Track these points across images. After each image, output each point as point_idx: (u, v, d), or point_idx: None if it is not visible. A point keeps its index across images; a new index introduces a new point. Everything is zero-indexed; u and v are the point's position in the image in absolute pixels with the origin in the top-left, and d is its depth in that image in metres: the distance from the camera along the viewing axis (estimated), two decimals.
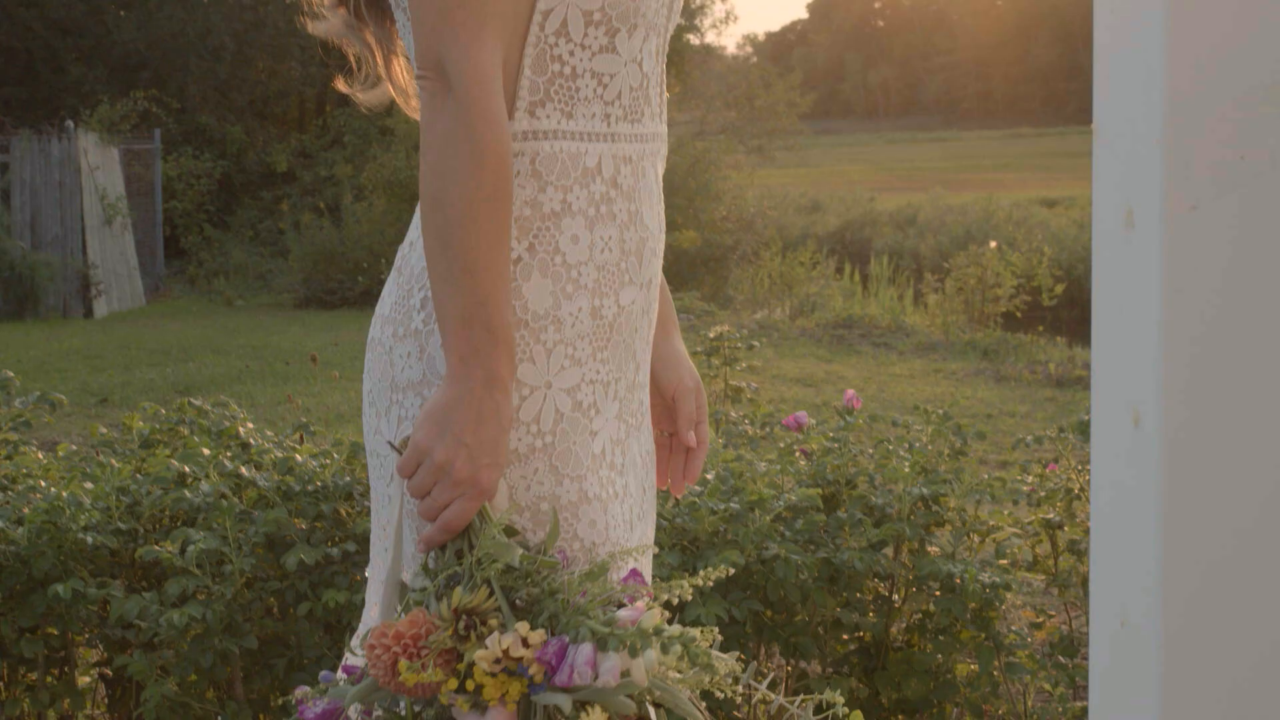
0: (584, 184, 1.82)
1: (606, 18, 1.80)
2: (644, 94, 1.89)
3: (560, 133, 1.81)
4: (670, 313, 2.15)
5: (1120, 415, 1.04)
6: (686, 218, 21.33)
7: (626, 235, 1.87)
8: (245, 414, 4.28)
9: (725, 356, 5.71)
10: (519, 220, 1.79)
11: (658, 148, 1.95)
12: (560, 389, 1.82)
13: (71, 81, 25.16)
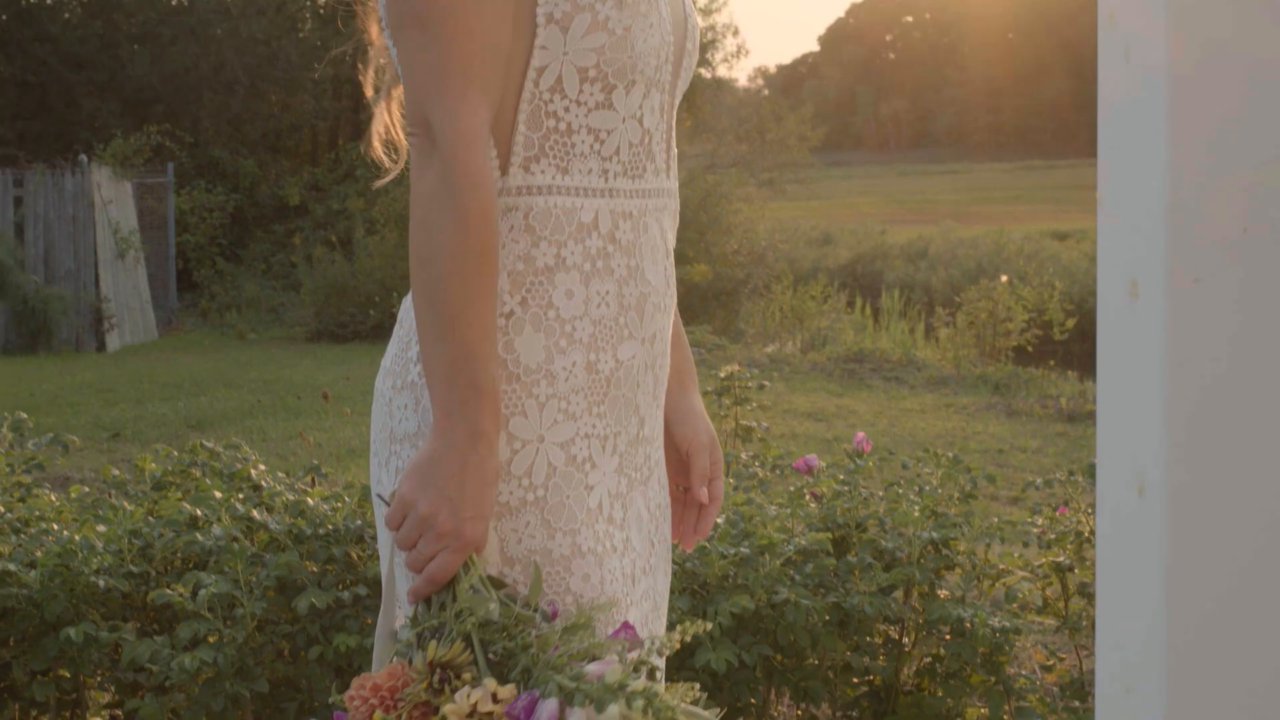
0: (579, 239, 1.83)
1: (602, 74, 1.81)
2: (646, 150, 1.90)
3: (555, 188, 1.83)
4: (689, 368, 2.16)
5: (1125, 484, 1.05)
6: (698, 251, 21.35)
7: (625, 290, 1.88)
8: (256, 454, 4.29)
9: (736, 396, 5.71)
10: (512, 275, 1.81)
11: (664, 203, 1.96)
12: (553, 443, 1.83)
13: (85, 115, 25.28)
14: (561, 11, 1.78)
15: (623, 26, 1.80)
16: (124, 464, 9.22)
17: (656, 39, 1.85)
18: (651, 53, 1.85)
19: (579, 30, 1.79)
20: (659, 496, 2.02)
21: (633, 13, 1.81)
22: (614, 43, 1.80)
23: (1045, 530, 3.85)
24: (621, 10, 1.80)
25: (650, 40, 1.84)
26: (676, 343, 2.15)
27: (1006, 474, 9.22)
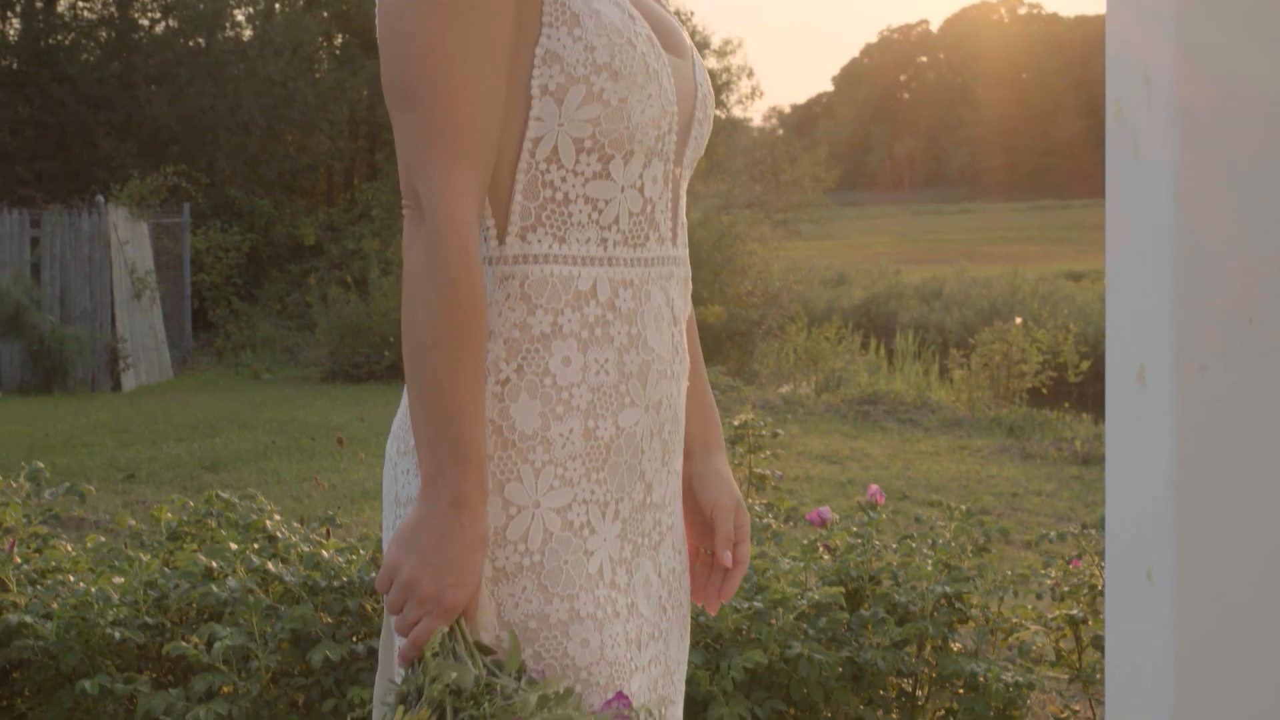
0: (576, 307, 1.85)
1: (598, 145, 1.83)
2: (648, 219, 1.92)
3: (552, 256, 1.84)
4: (714, 432, 2.18)
5: (1135, 570, 1.06)
6: (712, 292, 21.38)
7: (626, 358, 1.89)
8: (272, 505, 4.30)
9: (750, 444, 5.72)
10: (508, 342, 1.82)
11: (670, 271, 1.97)
12: (549, 508, 1.84)
13: (103, 155, 25.40)
14: (556, 84, 1.81)
15: (618, 98, 1.82)
16: (138, 505, 9.23)
17: (655, 110, 1.86)
18: (650, 124, 1.86)
19: (574, 102, 1.81)
20: (672, 561, 2.03)
21: (629, 84, 1.82)
22: (609, 114, 1.82)
23: (1059, 582, 3.85)
24: (617, 82, 1.81)
25: (648, 111, 1.85)
26: (701, 408, 2.17)
27: (1021, 518, 9.21)
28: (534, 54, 1.81)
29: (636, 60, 1.83)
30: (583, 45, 1.81)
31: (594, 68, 1.81)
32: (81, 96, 25.83)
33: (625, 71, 1.82)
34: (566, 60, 1.81)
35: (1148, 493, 1.04)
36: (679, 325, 1.99)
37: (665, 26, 2.01)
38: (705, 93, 2.03)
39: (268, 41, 26.80)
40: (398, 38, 1.78)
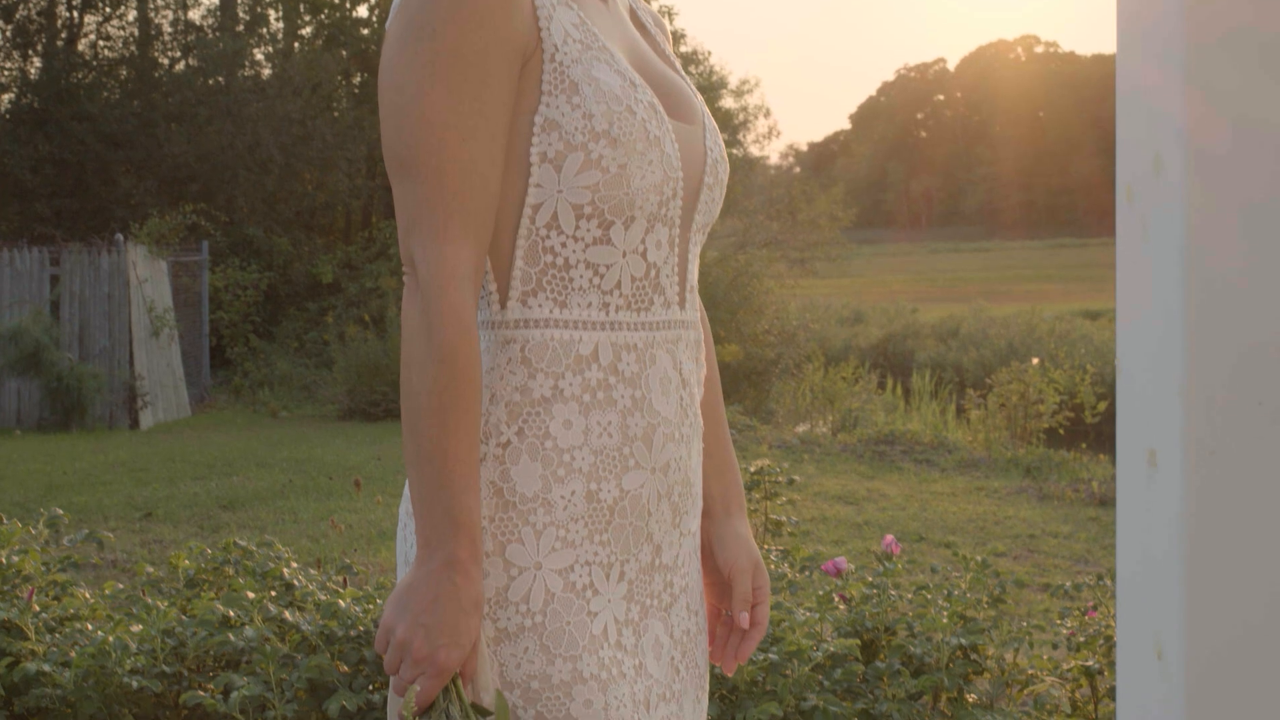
0: (577, 371, 1.87)
1: (598, 210, 1.85)
2: (652, 283, 1.93)
3: (552, 321, 1.87)
4: (736, 493, 2.19)
5: (1145, 652, 1.07)
6: (729, 331, 21.39)
7: (630, 421, 1.90)
8: (288, 548, 4.31)
9: (766, 490, 5.72)
10: (509, 405, 1.85)
11: (677, 335, 1.99)
12: (551, 569, 1.85)
13: (122, 193, 25.51)
14: (555, 151, 1.83)
15: (617, 164, 1.84)
16: (155, 544, 9.25)
17: (657, 176, 1.88)
18: (652, 189, 1.88)
19: (572, 168, 1.83)
20: (686, 622, 2.04)
21: (628, 151, 1.84)
22: (608, 180, 1.84)
23: (1074, 632, 3.85)
24: (615, 149, 1.83)
25: (649, 177, 1.87)
26: (721, 469, 2.19)
27: (1037, 560, 9.20)
28: (533, 122, 1.84)
29: (636, 127, 1.85)
30: (581, 113, 1.83)
31: (592, 135, 1.83)
32: (101, 135, 25.97)
33: (624, 138, 1.84)
34: (565, 128, 1.83)
35: (1158, 575, 1.05)
36: (688, 389, 2.01)
37: (676, 93, 2.03)
38: (717, 158, 2.04)
39: (287, 80, 26.91)
40: (395, 109, 1.82)
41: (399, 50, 1.82)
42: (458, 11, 1.78)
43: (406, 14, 1.82)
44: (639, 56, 2.02)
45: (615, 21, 2.03)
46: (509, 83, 1.82)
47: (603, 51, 1.90)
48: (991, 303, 36.79)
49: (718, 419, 2.20)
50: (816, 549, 9.13)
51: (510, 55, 1.82)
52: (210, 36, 28.42)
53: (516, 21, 1.82)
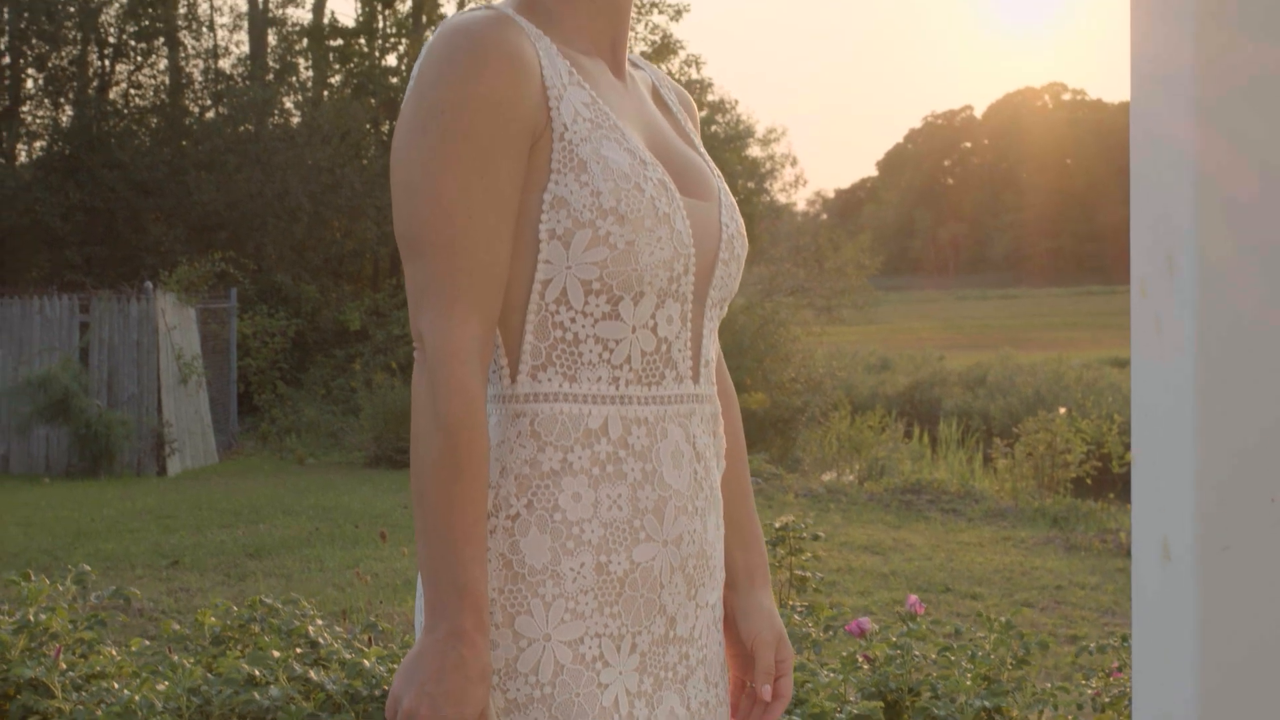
0: (586, 444, 1.88)
1: (606, 286, 1.87)
2: (664, 357, 1.95)
3: (562, 395, 1.89)
4: (759, 565, 2.20)
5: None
6: (756, 379, 21.41)
7: (640, 494, 1.91)
8: (314, 600, 4.33)
9: (791, 546, 5.72)
10: (519, 478, 1.87)
11: (691, 409, 2.00)
12: (560, 641, 1.86)
13: (152, 241, 25.65)
14: (563, 228, 1.85)
15: (625, 241, 1.86)
16: (182, 593, 9.27)
17: (667, 252, 1.90)
18: (661, 266, 1.90)
19: (580, 245, 1.85)
20: (704, 694, 2.04)
21: (636, 228, 1.86)
22: (616, 257, 1.86)
23: (1100, 693, 3.83)
24: (624, 225, 1.86)
25: (659, 254, 1.89)
26: (746, 541, 2.20)
27: (1064, 611, 9.16)
28: (543, 199, 1.87)
29: (644, 204, 1.88)
30: (589, 190, 1.86)
31: (600, 212, 1.85)
32: (132, 182, 26.13)
33: (632, 215, 1.86)
34: (573, 205, 1.85)
35: (1173, 665, 1.06)
36: (703, 462, 2.01)
37: (692, 171, 2.06)
38: (733, 234, 2.06)
39: (316, 128, 27.07)
40: (407, 187, 1.84)
41: (411, 130, 1.85)
42: (469, 93, 1.81)
43: (419, 94, 1.85)
44: (655, 134, 2.05)
45: (632, 99, 2.06)
46: (519, 162, 1.85)
47: (613, 130, 1.92)
48: (1019, 350, 36.73)
49: (743, 492, 2.21)
50: (842, 600, 9.11)
51: (520, 135, 1.85)
52: (240, 85, 28.62)
53: (527, 102, 1.85)
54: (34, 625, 3.70)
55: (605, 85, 2.00)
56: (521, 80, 1.85)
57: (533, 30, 1.93)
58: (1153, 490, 1.08)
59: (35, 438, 17.21)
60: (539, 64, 1.89)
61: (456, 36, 1.85)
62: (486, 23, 1.86)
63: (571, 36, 2.00)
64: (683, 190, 1.99)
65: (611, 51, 2.06)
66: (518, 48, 1.86)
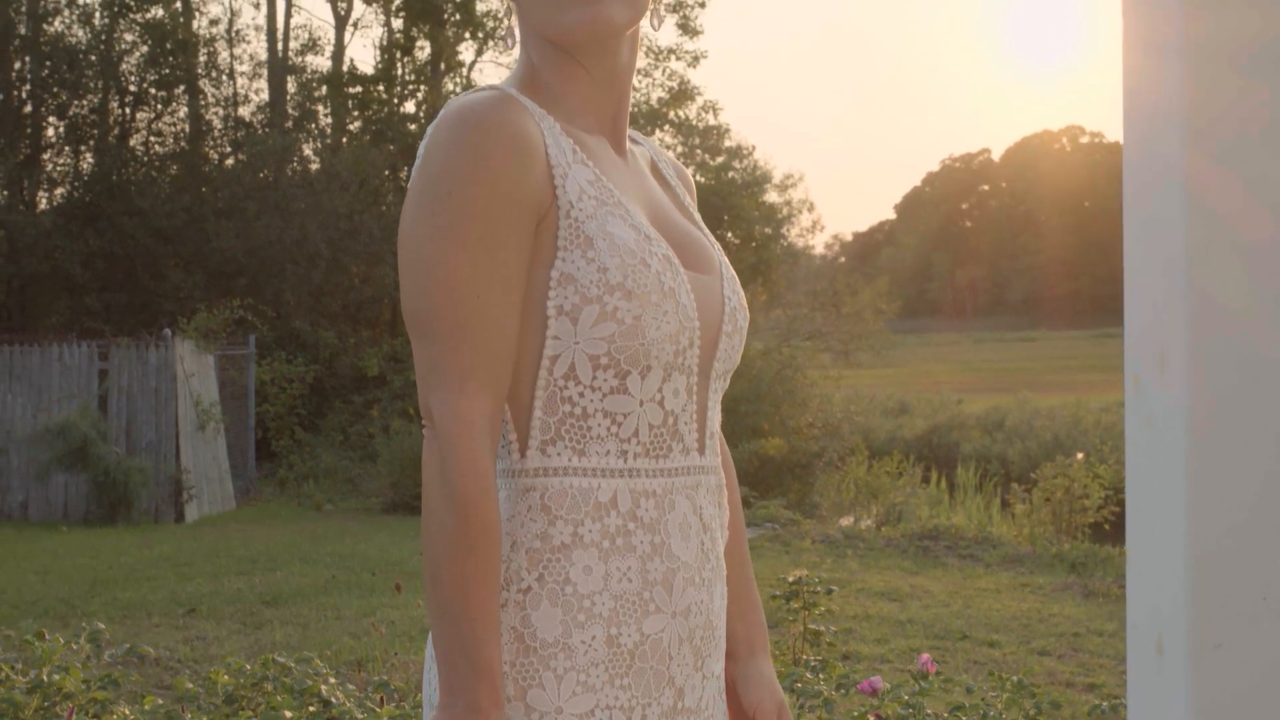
0: (596, 518, 1.90)
1: (614, 361, 1.88)
2: (671, 430, 1.96)
3: (571, 469, 1.90)
4: (759, 633, 2.22)
5: None
6: (773, 424, 21.41)
7: (650, 566, 1.92)
8: (329, 654, 4.33)
9: (804, 600, 5.71)
10: (530, 552, 1.88)
11: (697, 481, 2.01)
12: (572, 714, 1.87)
13: (171, 287, 25.76)
14: (571, 304, 1.87)
15: (632, 316, 1.87)
16: (198, 641, 9.27)
17: (672, 326, 1.91)
18: (667, 339, 1.91)
19: (588, 320, 1.87)
20: None
21: (643, 302, 1.88)
22: (624, 331, 1.87)
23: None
24: (630, 300, 1.87)
25: (664, 328, 1.90)
26: (745, 610, 2.22)
27: (1082, 659, 9.12)
28: (550, 276, 1.88)
29: (650, 279, 1.90)
30: (596, 266, 1.87)
31: (607, 287, 1.87)
32: (151, 229, 26.26)
33: (638, 290, 1.88)
34: (581, 281, 1.87)
35: None
36: (709, 533, 2.03)
37: (693, 245, 2.08)
38: (735, 306, 2.08)
39: (334, 175, 27.19)
40: (415, 266, 1.86)
41: (419, 210, 1.86)
42: (476, 172, 1.83)
43: (426, 172, 1.87)
44: (656, 210, 2.07)
45: (633, 176, 2.08)
46: (525, 239, 1.87)
47: (617, 207, 1.95)
48: (1037, 393, 36.67)
49: (742, 561, 2.23)
50: (858, 648, 9.08)
51: (526, 213, 1.86)
52: (260, 133, 28.78)
53: (532, 180, 1.87)
54: (47, 685, 3.71)
55: (608, 162, 2.02)
56: (527, 160, 1.87)
57: (536, 110, 1.95)
58: (1146, 586, 1.09)
59: (54, 485, 17.27)
60: (544, 143, 1.91)
61: (463, 117, 1.87)
62: (491, 103, 1.88)
63: (573, 114, 2.02)
64: (686, 264, 2.01)
65: (613, 128, 2.08)
66: (522, 128, 1.88)
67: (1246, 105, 1.02)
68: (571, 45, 1.99)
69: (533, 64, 2.04)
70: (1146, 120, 1.06)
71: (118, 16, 29.16)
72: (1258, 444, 1.03)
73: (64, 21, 28.89)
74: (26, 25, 28.21)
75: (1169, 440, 1.05)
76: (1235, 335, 1.03)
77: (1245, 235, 1.00)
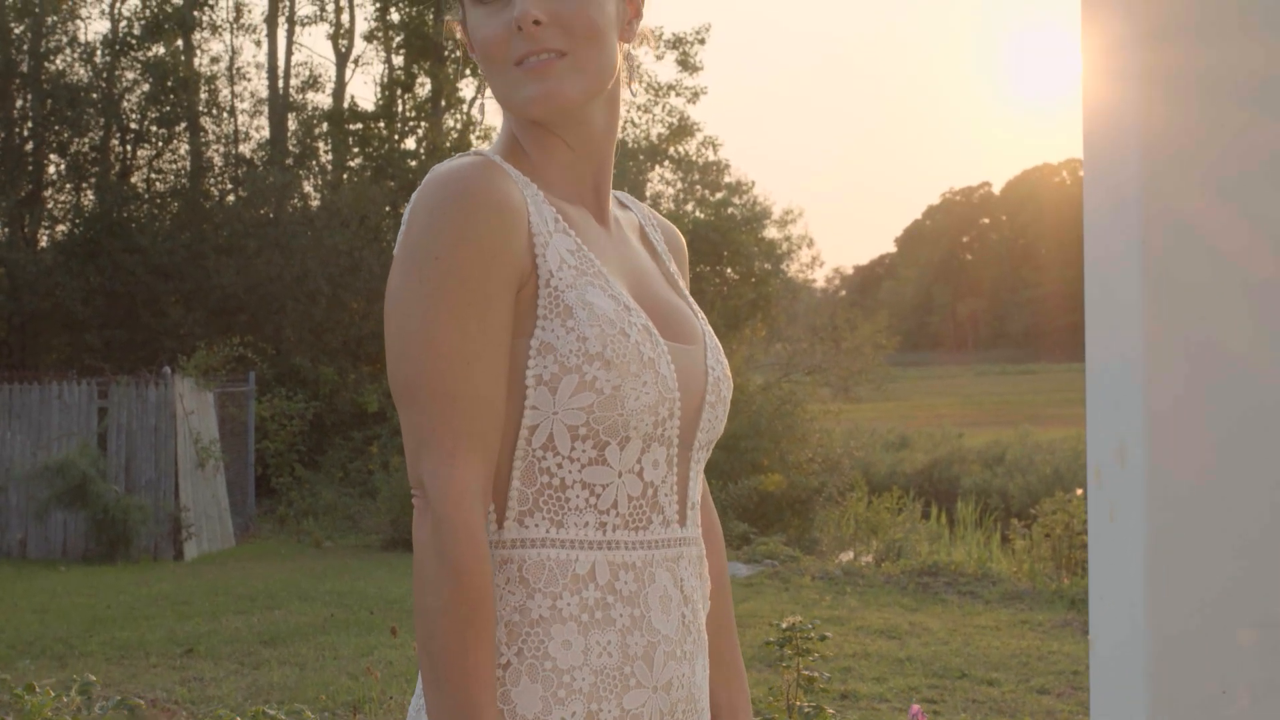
0: (574, 590, 1.88)
1: (593, 431, 1.87)
2: (650, 502, 1.96)
3: (549, 541, 1.89)
4: (741, 700, 2.22)
5: None
6: (773, 460, 21.41)
7: (630, 640, 1.92)
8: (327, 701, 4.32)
9: (798, 647, 5.71)
10: (508, 625, 1.86)
11: (678, 552, 2.00)
12: None
13: (171, 324, 25.80)
14: (550, 373, 1.86)
15: (611, 386, 1.86)
16: (195, 682, 9.25)
17: (652, 397, 1.91)
18: (647, 410, 1.90)
19: (567, 390, 1.86)
20: None
21: (622, 373, 1.87)
22: (602, 402, 1.86)
23: None
24: (609, 370, 1.86)
25: (644, 398, 1.90)
26: (729, 676, 2.22)
27: (1081, 697, 9.10)
28: (529, 345, 1.88)
29: (630, 349, 1.89)
30: (575, 336, 1.87)
31: (586, 357, 1.86)
32: (152, 266, 26.33)
33: (618, 360, 1.87)
34: (560, 350, 1.86)
35: None
36: (690, 605, 2.02)
37: (676, 315, 2.08)
38: (719, 376, 2.08)
39: (335, 212, 27.26)
40: (402, 335, 1.85)
41: (405, 277, 1.86)
42: (462, 237, 1.83)
43: (411, 241, 1.87)
44: (639, 280, 2.07)
45: (616, 245, 2.08)
46: (509, 306, 1.86)
47: (598, 276, 1.94)
48: (1038, 427, 36.67)
49: (727, 628, 2.23)
50: (857, 687, 9.06)
51: (509, 280, 1.86)
52: (260, 169, 28.87)
53: (514, 247, 1.87)
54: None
55: (590, 231, 2.02)
56: (511, 226, 1.87)
57: (520, 177, 1.96)
58: (1109, 677, 1.10)
59: (53, 523, 17.28)
60: (527, 210, 1.91)
61: (448, 182, 1.87)
62: (476, 169, 1.88)
63: (554, 182, 2.02)
64: (667, 335, 2.01)
65: (595, 197, 2.08)
66: (506, 195, 1.88)
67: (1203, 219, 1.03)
68: (534, 120, 2.00)
69: (513, 133, 2.05)
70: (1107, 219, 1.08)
71: (119, 54, 29.31)
72: (1217, 537, 1.05)
73: (66, 59, 29.03)
74: (28, 63, 28.34)
75: (1130, 532, 1.05)
76: (1194, 429, 1.04)
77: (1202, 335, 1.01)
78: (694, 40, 32.96)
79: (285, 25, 31.72)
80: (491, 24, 1.96)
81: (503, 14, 1.95)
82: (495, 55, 1.97)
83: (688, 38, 32.92)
